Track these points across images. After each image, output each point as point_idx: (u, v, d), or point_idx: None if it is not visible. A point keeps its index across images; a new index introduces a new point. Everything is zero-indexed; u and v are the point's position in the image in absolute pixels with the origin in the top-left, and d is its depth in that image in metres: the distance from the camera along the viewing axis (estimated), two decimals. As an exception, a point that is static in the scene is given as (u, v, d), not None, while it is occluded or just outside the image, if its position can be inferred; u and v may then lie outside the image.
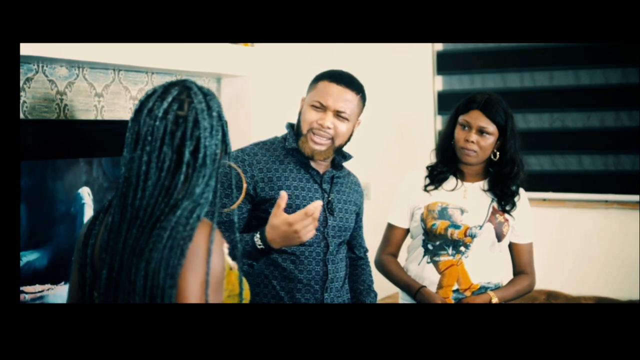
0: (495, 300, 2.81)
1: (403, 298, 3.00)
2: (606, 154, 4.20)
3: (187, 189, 1.76)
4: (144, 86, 3.13)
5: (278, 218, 2.36)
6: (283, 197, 2.35)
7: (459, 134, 2.85)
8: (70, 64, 2.74)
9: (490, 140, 2.81)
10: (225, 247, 1.85)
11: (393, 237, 3.02)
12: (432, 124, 4.63)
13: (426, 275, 2.88)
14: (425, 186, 2.92)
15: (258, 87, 3.67)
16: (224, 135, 1.85)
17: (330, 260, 2.63)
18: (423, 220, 2.89)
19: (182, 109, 1.79)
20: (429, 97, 4.63)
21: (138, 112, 1.82)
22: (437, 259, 2.86)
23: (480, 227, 2.83)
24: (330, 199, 2.64)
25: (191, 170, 1.78)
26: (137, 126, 1.80)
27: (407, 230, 3.00)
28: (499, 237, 2.87)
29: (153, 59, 2.92)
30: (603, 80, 4.22)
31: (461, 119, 2.85)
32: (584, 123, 4.25)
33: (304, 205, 2.53)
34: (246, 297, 1.91)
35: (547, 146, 4.31)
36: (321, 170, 2.66)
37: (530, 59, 4.38)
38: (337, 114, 2.56)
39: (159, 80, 3.21)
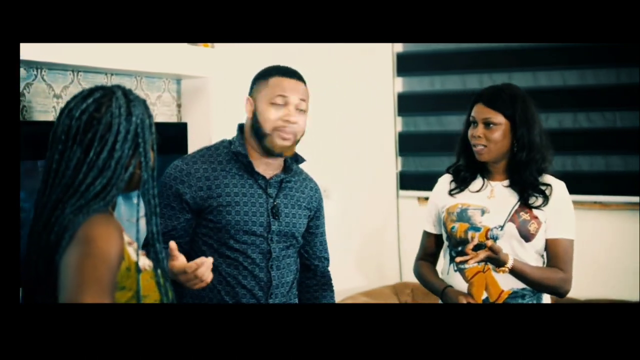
0: (510, 261, 2.56)
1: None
2: (563, 155, 4.27)
3: (83, 187, 1.77)
4: (103, 87, 3.10)
5: (170, 262, 2.20)
6: (173, 247, 2.19)
7: (469, 132, 2.71)
8: (28, 64, 2.70)
9: (499, 132, 2.65)
10: (132, 247, 1.84)
11: (426, 244, 2.89)
12: (392, 125, 4.65)
13: (454, 284, 2.71)
14: (451, 190, 2.79)
15: (218, 87, 3.65)
16: (137, 145, 1.83)
17: (275, 266, 2.55)
18: (444, 224, 2.75)
19: (99, 111, 1.80)
20: (389, 99, 4.65)
21: (61, 112, 1.83)
22: (462, 266, 2.68)
23: (501, 227, 2.65)
24: (275, 203, 2.56)
25: (95, 171, 1.78)
26: (56, 126, 1.82)
27: (440, 236, 2.84)
28: (526, 237, 2.65)
29: (112, 60, 2.88)
30: (561, 82, 4.30)
31: (470, 116, 2.73)
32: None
33: (245, 212, 2.50)
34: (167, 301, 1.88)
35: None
36: (268, 175, 2.57)
37: (489, 61, 4.42)
38: (297, 108, 2.54)
39: (118, 81, 3.17)
